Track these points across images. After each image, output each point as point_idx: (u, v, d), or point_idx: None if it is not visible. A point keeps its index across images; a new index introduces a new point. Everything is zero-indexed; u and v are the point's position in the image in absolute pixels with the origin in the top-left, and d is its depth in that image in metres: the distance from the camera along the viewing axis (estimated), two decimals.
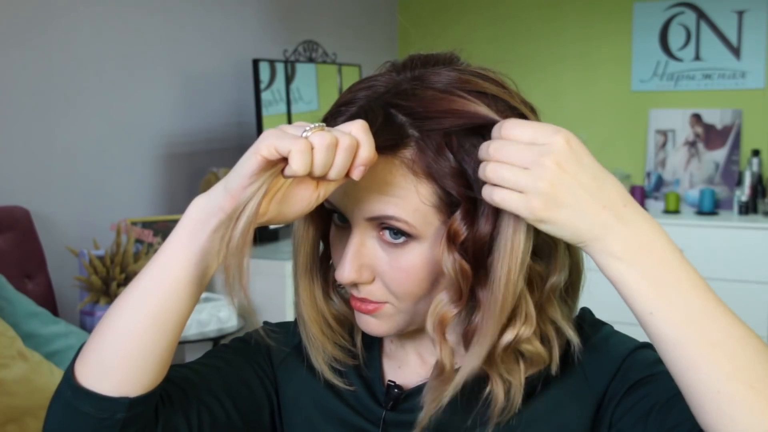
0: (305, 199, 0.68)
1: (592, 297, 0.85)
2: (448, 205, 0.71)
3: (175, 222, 0.72)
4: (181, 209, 3.05)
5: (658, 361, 0.76)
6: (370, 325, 0.77)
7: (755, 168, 3.80)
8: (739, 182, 3.84)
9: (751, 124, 3.91)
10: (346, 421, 0.83)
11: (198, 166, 3.17)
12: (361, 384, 0.84)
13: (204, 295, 2.69)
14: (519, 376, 0.74)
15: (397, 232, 0.72)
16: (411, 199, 0.71)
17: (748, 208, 3.75)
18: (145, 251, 2.48)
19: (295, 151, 0.62)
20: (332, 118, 0.74)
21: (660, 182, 4.03)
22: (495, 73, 0.76)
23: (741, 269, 3.44)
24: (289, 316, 2.93)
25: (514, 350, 0.74)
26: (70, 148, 2.67)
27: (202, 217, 0.68)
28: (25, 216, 2.41)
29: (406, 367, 0.84)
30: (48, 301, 2.42)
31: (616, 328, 0.84)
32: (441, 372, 0.74)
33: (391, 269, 0.73)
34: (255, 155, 0.64)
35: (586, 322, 0.82)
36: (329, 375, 0.81)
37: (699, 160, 3.96)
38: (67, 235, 2.63)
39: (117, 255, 2.41)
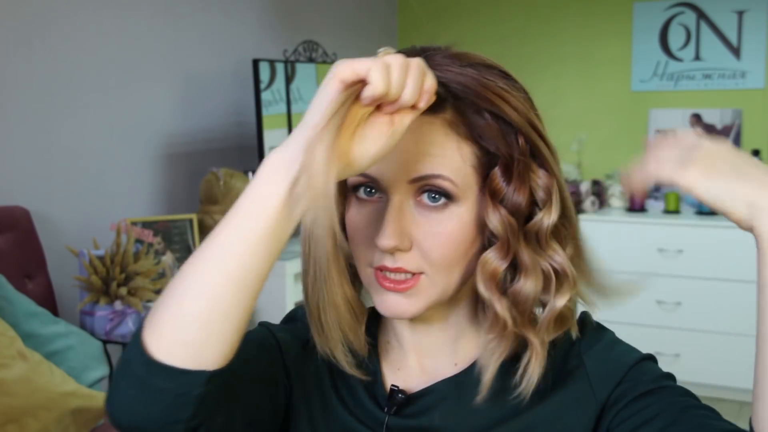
0: (383, 135, 0.66)
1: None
2: (485, 166, 0.74)
3: (175, 221, 0.70)
4: (181, 209, 3.06)
5: (665, 377, 0.78)
6: (401, 305, 0.75)
7: None
8: None
9: (751, 124, 3.90)
10: (347, 425, 0.82)
11: (198, 166, 3.17)
12: (362, 387, 0.83)
13: None
14: (546, 343, 0.76)
15: (438, 195, 0.73)
16: (454, 158, 0.73)
17: None
18: (145, 251, 2.48)
19: (373, 69, 0.62)
20: None
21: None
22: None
23: (741, 269, 3.44)
24: None
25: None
26: (71, 148, 2.67)
27: (282, 165, 0.64)
28: (25, 216, 2.41)
29: (406, 370, 0.83)
30: (48, 301, 2.41)
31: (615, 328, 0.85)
32: (503, 329, 0.74)
33: (429, 234, 0.74)
34: (332, 80, 0.63)
35: (588, 325, 0.83)
36: (347, 365, 0.79)
37: None
38: (67, 235, 2.63)
39: (117, 255, 2.41)
